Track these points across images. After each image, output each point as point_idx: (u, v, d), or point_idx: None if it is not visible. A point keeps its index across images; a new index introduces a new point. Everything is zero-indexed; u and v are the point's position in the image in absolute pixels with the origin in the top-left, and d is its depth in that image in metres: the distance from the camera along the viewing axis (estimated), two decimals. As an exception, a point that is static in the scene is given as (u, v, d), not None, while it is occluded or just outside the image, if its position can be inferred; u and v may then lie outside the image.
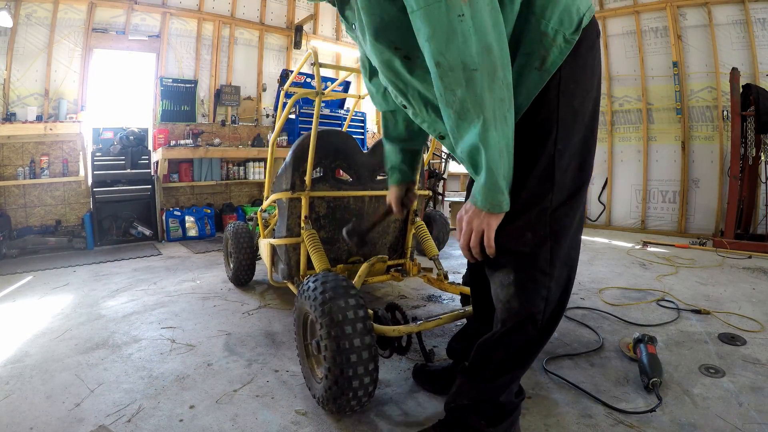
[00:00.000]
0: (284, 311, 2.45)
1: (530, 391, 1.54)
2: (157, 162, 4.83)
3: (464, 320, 1.67)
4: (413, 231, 2.45)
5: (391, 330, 1.44)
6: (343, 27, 6.94)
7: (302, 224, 2.02)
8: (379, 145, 2.35)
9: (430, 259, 2.29)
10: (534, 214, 0.97)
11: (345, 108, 6.05)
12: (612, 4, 5.32)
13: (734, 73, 4.00)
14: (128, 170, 4.58)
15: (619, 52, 5.32)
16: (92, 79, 4.79)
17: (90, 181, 4.57)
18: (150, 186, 4.75)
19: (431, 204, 4.96)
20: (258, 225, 2.78)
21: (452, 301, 2.61)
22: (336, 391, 1.27)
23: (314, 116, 1.96)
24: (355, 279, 1.96)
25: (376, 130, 7.51)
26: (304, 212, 2.02)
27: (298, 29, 6.28)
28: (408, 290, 2.85)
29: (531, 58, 0.91)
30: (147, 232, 4.73)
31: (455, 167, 5.82)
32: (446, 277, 2.16)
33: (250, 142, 5.78)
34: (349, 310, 1.31)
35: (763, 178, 4.15)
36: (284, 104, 3.28)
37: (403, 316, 1.56)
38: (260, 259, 2.83)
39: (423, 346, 1.59)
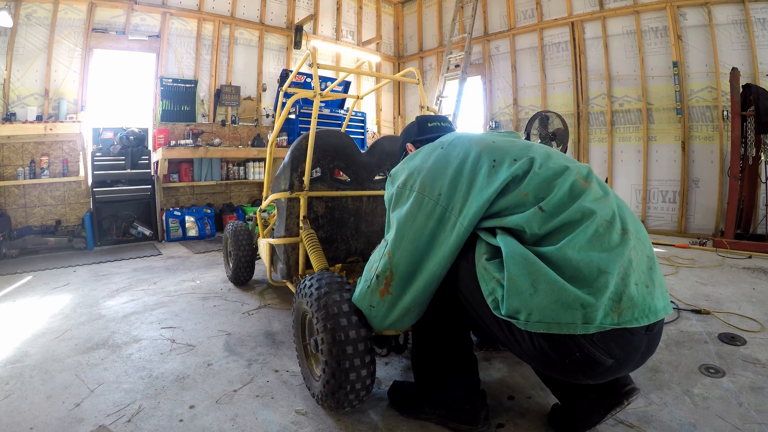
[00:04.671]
0: (284, 311, 2.46)
1: (530, 392, 1.54)
2: (157, 162, 4.83)
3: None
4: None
5: None
6: (342, 27, 6.97)
7: (301, 224, 2.02)
8: (377, 145, 2.35)
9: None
10: None
11: (345, 108, 6.04)
12: (612, 4, 5.32)
13: (734, 73, 4.00)
14: (128, 170, 4.58)
15: (619, 52, 5.32)
16: (92, 79, 4.79)
17: (90, 181, 4.57)
18: (150, 186, 4.75)
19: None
20: (257, 225, 2.78)
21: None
22: (334, 384, 1.28)
23: (312, 117, 1.96)
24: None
25: (375, 130, 7.51)
26: (302, 212, 2.02)
27: (298, 29, 6.28)
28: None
29: None
30: (147, 232, 4.73)
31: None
32: None
33: (250, 142, 5.78)
34: (344, 303, 1.33)
35: (763, 178, 4.14)
36: (283, 104, 3.28)
37: None
38: (259, 258, 2.83)
39: None
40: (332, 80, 5.61)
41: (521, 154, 1.15)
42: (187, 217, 4.89)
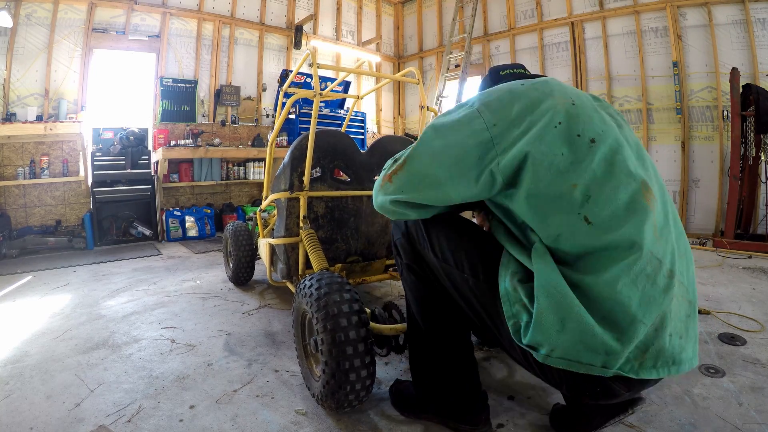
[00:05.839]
0: (284, 311, 2.46)
1: (530, 392, 1.54)
2: (157, 162, 4.83)
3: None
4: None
5: (388, 328, 1.44)
6: (342, 27, 6.97)
7: (300, 224, 2.02)
8: (377, 145, 2.35)
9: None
10: None
11: (345, 108, 6.05)
12: (612, 4, 5.32)
13: (734, 73, 4.00)
14: (128, 170, 4.58)
15: (619, 52, 5.32)
16: (92, 79, 4.79)
17: (90, 181, 4.57)
18: (150, 186, 4.75)
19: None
20: (257, 225, 2.78)
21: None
22: (334, 385, 1.28)
23: (312, 117, 1.96)
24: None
25: (375, 130, 7.51)
26: (302, 212, 2.02)
27: (298, 29, 6.28)
28: (408, 290, 2.84)
29: None
30: (147, 232, 4.74)
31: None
32: None
33: (250, 142, 5.78)
34: (344, 304, 1.33)
35: (763, 178, 4.14)
36: (283, 104, 3.28)
37: (400, 315, 1.56)
38: (259, 258, 2.83)
39: None
40: (332, 80, 5.61)
41: (591, 132, 0.95)
42: (187, 217, 4.89)
